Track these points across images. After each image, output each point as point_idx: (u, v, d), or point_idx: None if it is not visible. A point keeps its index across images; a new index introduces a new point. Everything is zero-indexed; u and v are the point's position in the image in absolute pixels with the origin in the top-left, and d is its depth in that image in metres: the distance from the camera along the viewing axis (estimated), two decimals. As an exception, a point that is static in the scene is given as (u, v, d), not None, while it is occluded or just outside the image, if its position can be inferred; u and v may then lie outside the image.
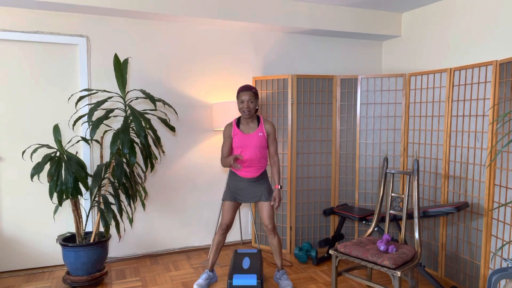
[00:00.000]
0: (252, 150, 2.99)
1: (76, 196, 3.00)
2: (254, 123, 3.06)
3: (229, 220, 3.09)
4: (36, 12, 3.34)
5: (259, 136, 3.02)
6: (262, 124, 3.05)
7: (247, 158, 3.00)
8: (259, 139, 3.01)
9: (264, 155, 3.07)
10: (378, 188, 3.86)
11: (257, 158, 3.02)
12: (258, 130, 3.03)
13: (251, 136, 3.00)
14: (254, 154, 3.00)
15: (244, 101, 2.95)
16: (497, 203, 2.83)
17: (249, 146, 2.99)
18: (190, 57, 3.87)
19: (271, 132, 3.06)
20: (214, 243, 3.14)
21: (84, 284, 3.08)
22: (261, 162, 3.05)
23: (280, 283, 3.13)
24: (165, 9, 3.45)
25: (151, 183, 3.81)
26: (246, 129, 3.05)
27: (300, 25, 3.96)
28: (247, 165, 3.02)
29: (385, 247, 2.63)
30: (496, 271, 2.23)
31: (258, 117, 3.09)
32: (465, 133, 3.12)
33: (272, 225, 3.05)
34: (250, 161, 3.01)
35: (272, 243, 3.10)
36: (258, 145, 3.01)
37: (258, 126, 3.05)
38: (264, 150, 3.06)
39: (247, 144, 2.99)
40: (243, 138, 3.00)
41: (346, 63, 4.53)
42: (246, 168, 3.03)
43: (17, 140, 3.39)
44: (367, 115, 3.84)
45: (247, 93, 2.95)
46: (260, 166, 3.06)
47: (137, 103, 3.69)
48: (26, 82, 3.38)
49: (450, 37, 3.76)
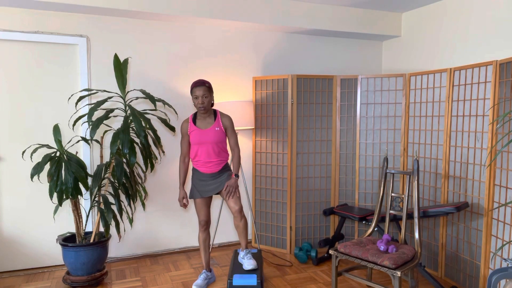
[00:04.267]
0: (209, 146, 2.97)
1: (76, 196, 3.00)
2: (211, 117, 3.01)
3: (205, 216, 3.08)
4: (36, 12, 3.34)
5: (216, 131, 2.98)
6: (219, 118, 3.02)
7: (205, 154, 2.98)
8: (216, 134, 2.97)
9: (223, 149, 3.05)
10: (378, 188, 3.86)
11: (215, 153, 2.99)
12: (215, 125, 2.99)
13: (208, 132, 2.96)
14: (212, 149, 2.97)
15: (198, 96, 2.89)
16: (497, 203, 2.83)
17: (206, 143, 2.96)
18: (190, 57, 3.87)
19: (228, 126, 3.04)
20: (200, 242, 3.14)
21: (84, 284, 3.08)
22: (220, 156, 3.02)
23: (243, 263, 3.05)
24: (165, 9, 3.45)
25: (151, 183, 3.81)
26: (202, 124, 3.00)
27: (300, 25, 3.96)
28: (206, 161, 3.00)
29: (385, 247, 2.63)
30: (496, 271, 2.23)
31: (214, 112, 3.05)
32: (465, 133, 3.12)
33: (239, 207, 2.98)
34: (208, 156, 2.98)
35: (238, 225, 3.03)
36: (216, 140, 2.97)
37: (215, 120, 3.00)
38: (222, 145, 3.03)
39: (204, 140, 2.96)
40: (199, 134, 2.97)
41: (346, 63, 4.53)
42: (206, 164, 3.01)
43: (17, 140, 3.39)
44: (367, 115, 3.84)
45: (201, 88, 2.89)
46: (220, 160, 3.03)
47: (137, 103, 3.69)
48: (26, 82, 3.38)
49: (450, 37, 3.76)
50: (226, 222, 4.12)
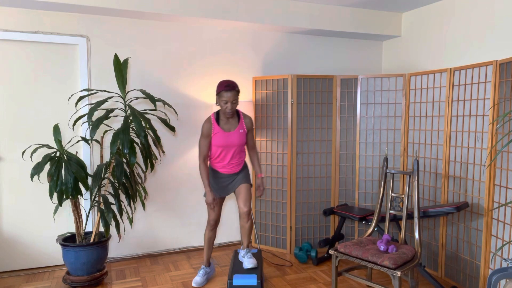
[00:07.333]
0: (233, 149, 2.95)
1: (76, 196, 3.00)
2: (235, 119, 2.97)
3: (217, 215, 3.09)
4: (36, 12, 3.34)
5: (240, 134, 2.94)
6: (242, 120, 2.97)
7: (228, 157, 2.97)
8: (240, 137, 2.94)
9: (243, 149, 3.06)
10: (378, 188, 3.86)
11: (237, 154, 3.00)
12: (239, 127, 2.95)
13: (233, 135, 2.92)
14: (235, 152, 2.97)
15: (228, 101, 2.81)
16: (497, 203, 2.83)
17: (231, 146, 2.93)
18: (190, 57, 3.87)
19: (250, 128, 3.03)
20: (205, 240, 3.16)
21: (84, 284, 3.08)
22: (240, 157, 3.04)
23: (243, 261, 3.04)
24: (165, 9, 3.45)
25: (151, 183, 3.81)
26: (226, 126, 2.94)
27: (300, 25, 3.96)
28: (228, 163, 2.99)
29: (385, 247, 2.63)
30: (496, 271, 2.23)
31: (237, 112, 3.00)
32: (465, 133, 3.12)
33: (248, 209, 2.98)
34: (231, 158, 2.98)
35: (244, 226, 3.03)
36: (240, 143, 2.95)
37: (239, 122, 2.95)
38: (244, 146, 3.03)
39: (229, 143, 2.92)
40: (224, 137, 2.91)
41: (346, 63, 4.53)
42: (227, 166, 3.01)
43: (17, 140, 3.39)
44: (367, 115, 3.84)
45: (231, 93, 2.80)
46: (240, 161, 3.05)
47: (137, 103, 3.69)
48: (26, 82, 3.38)
49: (450, 37, 3.76)
50: (226, 222, 4.12)
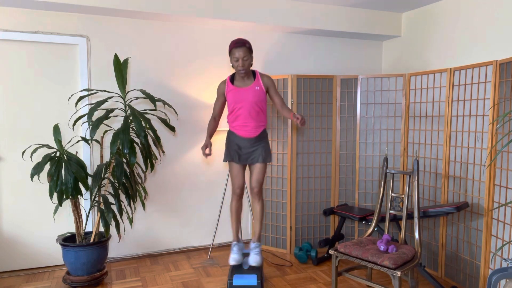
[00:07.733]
0: (248, 106, 2.77)
1: (76, 196, 3.00)
2: (250, 79, 2.83)
3: (241, 182, 2.91)
4: (36, 12, 3.34)
5: (256, 90, 2.77)
6: (259, 77, 2.83)
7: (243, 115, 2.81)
8: (256, 93, 2.77)
9: (263, 110, 2.85)
10: (378, 188, 3.86)
11: (254, 114, 2.80)
12: (255, 83, 2.79)
13: (247, 91, 2.77)
14: (251, 109, 2.78)
15: (239, 58, 2.69)
16: (497, 203, 2.84)
17: (245, 101, 2.77)
18: (190, 57, 3.87)
19: (270, 85, 2.84)
20: (232, 212, 3.00)
21: (84, 284, 3.08)
22: (259, 120, 2.83)
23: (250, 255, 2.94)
24: (165, 9, 3.45)
25: (151, 183, 3.81)
26: (241, 84, 2.83)
27: (300, 25, 3.96)
28: (244, 123, 2.82)
29: (385, 247, 2.63)
30: (496, 271, 2.23)
31: (254, 72, 2.87)
32: (465, 133, 3.12)
33: (258, 189, 2.89)
34: (247, 117, 2.80)
35: (255, 208, 2.94)
36: (255, 100, 2.77)
37: (255, 80, 2.82)
38: (262, 105, 2.82)
39: (242, 99, 2.77)
40: (238, 93, 2.78)
41: (346, 63, 4.53)
42: (244, 128, 2.83)
43: (17, 140, 3.39)
44: (367, 115, 3.84)
45: (241, 49, 2.67)
46: (259, 125, 2.84)
47: (137, 103, 3.69)
48: (26, 82, 3.38)
49: (450, 37, 3.76)
50: (226, 222, 4.12)
